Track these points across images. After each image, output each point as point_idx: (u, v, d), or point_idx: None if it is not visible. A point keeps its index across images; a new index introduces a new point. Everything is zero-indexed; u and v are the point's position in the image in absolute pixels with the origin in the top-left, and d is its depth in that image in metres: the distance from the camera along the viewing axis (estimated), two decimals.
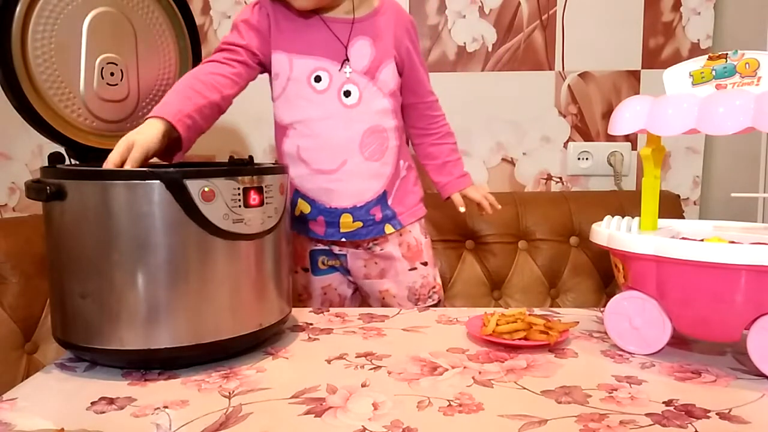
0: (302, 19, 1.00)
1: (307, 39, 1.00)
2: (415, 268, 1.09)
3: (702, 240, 0.72)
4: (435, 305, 1.11)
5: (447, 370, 0.67)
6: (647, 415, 0.55)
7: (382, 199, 1.05)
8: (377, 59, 1.01)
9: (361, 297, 1.16)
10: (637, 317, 0.71)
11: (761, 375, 0.63)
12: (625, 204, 1.34)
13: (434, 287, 1.12)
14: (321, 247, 1.08)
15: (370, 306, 1.12)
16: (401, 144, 1.08)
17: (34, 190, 0.67)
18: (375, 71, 1.02)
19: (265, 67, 1.02)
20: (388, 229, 1.05)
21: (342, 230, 1.03)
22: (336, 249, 1.08)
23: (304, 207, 1.03)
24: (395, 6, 1.07)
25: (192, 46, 0.93)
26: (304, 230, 1.06)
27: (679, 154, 1.54)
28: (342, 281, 1.11)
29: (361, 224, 1.04)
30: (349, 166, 1.01)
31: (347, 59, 1.00)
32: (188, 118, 0.82)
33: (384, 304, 1.09)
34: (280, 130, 1.04)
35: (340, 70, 1.00)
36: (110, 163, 0.72)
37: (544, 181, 1.57)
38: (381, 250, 1.07)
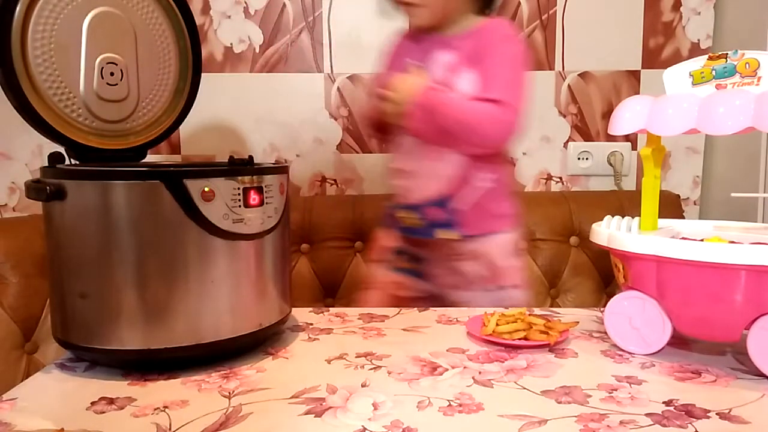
0: (405, 44, 1.15)
1: (401, 62, 1.13)
2: (504, 288, 1.09)
3: (702, 240, 0.72)
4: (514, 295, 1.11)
5: (447, 370, 0.67)
6: (647, 415, 0.55)
7: (443, 201, 1.07)
8: (453, 68, 1.06)
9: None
10: (637, 317, 0.71)
11: (761, 375, 0.63)
12: (625, 204, 1.35)
13: (515, 275, 1.11)
14: (404, 246, 1.13)
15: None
16: (475, 156, 1.06)
17: (34, 190, 0.67)
18: (448, 80, 1.06)
19: None
20: (444, 234, 1.06)
21: (406, 224, 1.10)
22: (418, 252, 1.11)
23: (397, 201, 1.13)
24: (493, 23, 1.10)
25: (192, 46, 0.93)
26: (391, 224, 1.14)
27: (679, 154, 1.54)
28: (414, 284, 1.13)
29: (418, 221, 1.08)
30: (412, 166, 1.09)
31: (425, 68, 1.08)
32: None
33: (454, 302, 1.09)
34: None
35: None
36: None
37: (544, 180, 1.57)
38: (460, 263, 1.08)
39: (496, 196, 1.09)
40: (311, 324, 0.84)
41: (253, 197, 0.69)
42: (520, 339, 0.73)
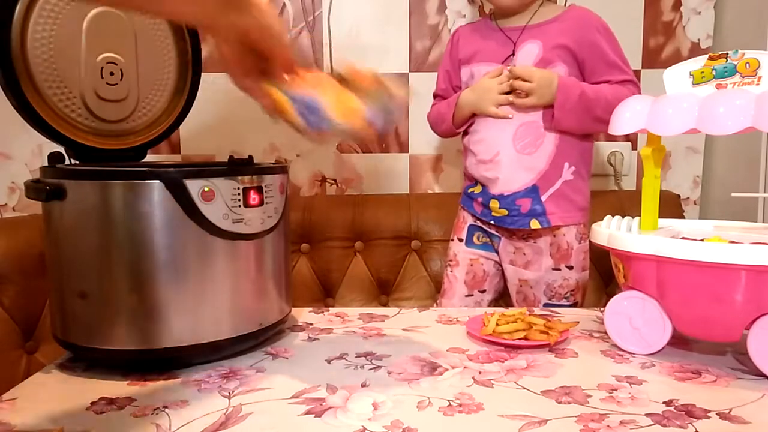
0: (482, 32, 1.17)
1: (484, 48, 1.15)
2: (559, 269, 1.14)
3: (702, 240, 0.72)
4: (571, 306, 1.15)
5: (447, 370, 0.67)
6: (647, 415, 0.55)
7: (532, 192, 1.11)
8: (542, 61, 1.09)
9: (504, 280, 1.21)
10: (637, 317, 0.71)
11: (761, 375, 0.63)
12: (625, 204, 1.35)
13: (573, 290, 1.15)
14: (479, 224, 1.19)
15: (507, 290, 1.21)
16: (564, 145, 1.10)
17: (33, 189, 0.67)
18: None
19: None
20: (534, 224, 1.11)
21: (493, 214, 1.14)
22: (492, 231, 1.17)
23: (477, 188, 1.18)
24: (581, 12, 1.13)
25: (192, 46, 0.93)
26: (469, 205, 1.20)
27: (679, 154, 1.54)
28: (489, 259, 1.20)
29: (506, 212, 1.12)
30: (501, 156, 1.11)
31: (512, 60, 1.11)
32: None
33: (520, 292, 1.17)
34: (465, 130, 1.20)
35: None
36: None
37: None
38: (533, 242, 1.13)
39: (579, 186, 1.14)
40: (311, 324, 0.84)
41: (253, 197, 0.69)
42: (520, 339, 0.73)
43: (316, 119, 0.57)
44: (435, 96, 1.29)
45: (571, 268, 1.14)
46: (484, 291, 1.21)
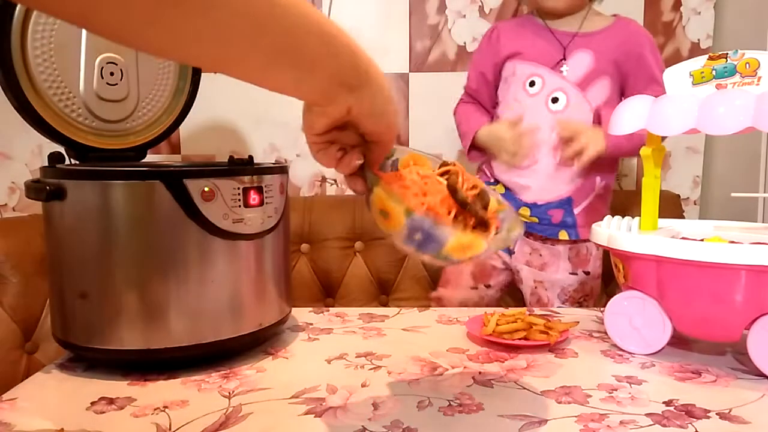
0: (530, 28, 1.14)
1: (532, 46, 1.12)
2: (576, 274, 1.14)
3: (702, 240, 0.72)
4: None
5: (447, 370, 0.67)
6: (647, 415, 0.55)
7: (566, 204, 1.10)
8: (593, 73, 1.08)
9: (511, 277, 1.21)
10: (637, 317, 0.71)
11: (761, 375, 0.63)
12: (625, 204, 1.34)
13: (588, 294, 1.15)
14: None
15: (520, 290, 1.20)
16: (600, 159, 1.08)
17: (34, 189, 0.67)
18: (588, 84, 1.08)
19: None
20: (563, 235, 1.11)
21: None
22: None
23: (499, 188, 1.16)
24: (632, 26, 1.12)
25: None
26: None
27: (679, 154, 1.54)
28: (499, 255, 1.18)
29: (537, 220, 1.12)
30: (540, 165, 1.10)
31: (563, 68, 1.09)
32: None
33: (534, 294, 1.16)
34: None
35: (554, 77, 1.09)
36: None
37: None
38: (552, 245, 1.13)
39: (606, 198, 1.15)
40: (311, 324, 0.84)
41: (253, 197, 0.69)
42: (520, 339, 0.73)
43: (424, 244, 0.47)
44: (466, 90, 1.25)
45: (588, 273, 1.14)
46: (489, 286, 1.20)
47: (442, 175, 0.54)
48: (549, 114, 1.09)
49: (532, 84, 1.11)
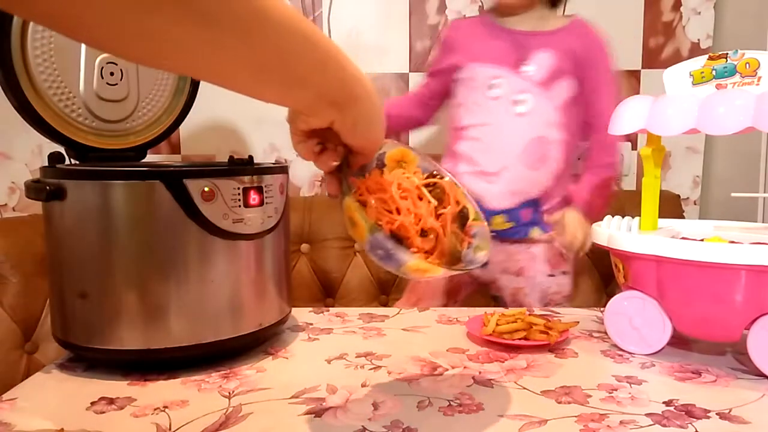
0: (487, 30, 1.11)
1: (491, 48, 1.09)
2: (553, 275, 1.13)
3: (702, 240, 0.72)
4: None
5: (447, 370, 0.67)
6: (647, 415, 0.55)
7: (534, 203, 1.09)
8: (555, 72, 1.07)
9: (479, 292, 1.19)
10: (637, 317, 0.71)
11: (761, 375, 0.63)
12: (625, 204, 1.34)
13: (568, 296, 1.15)
14: None
15: (496, 300, 1.18)
16: (567, 158, 1.09)
17: (34, 189, 0.67)
18: (550, 84, 1.07)
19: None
20: (535, 233, 1.10)
21: (492, 228, 1.06)
22: None
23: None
24: (588, 28, 1.12)
25: None
26: None
27: (679, 154, 1.54)
28: (469, 273, 1.15)
29: (513, 224, 1.09)
30: (509, 171, 1.07)
31: (525, 69, 1.07)
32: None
33: (515, 301, 1.13)
34: (454, 133, 1.13)
35: (516, 79, 1.07)
36: None
37: None
38: (528, 248, 1.11)
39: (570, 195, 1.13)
40: (311, 324, 0.84)
41: (253, 197, 0.69)
42: (520, 339, 0.73)
43: (384, 259, 0.49)
44: (426, 77, 1.22)
45: (565, 273, 1.13)
46: (456, 302, 1.19)
47: (426, 185, 0.54)
48: (513, 117, 1.07)
49: (493, 87, 1.08)
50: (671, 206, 1.42)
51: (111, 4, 0.29)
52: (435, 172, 0.56)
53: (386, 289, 1.38)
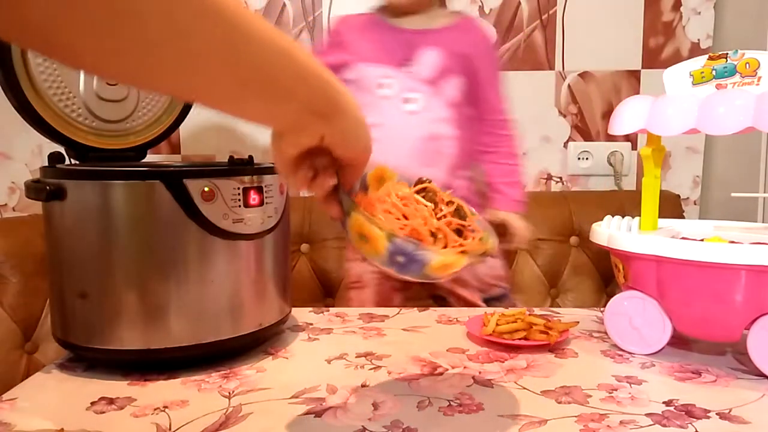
0: (375, 28, 1.10)
1: (378, 48, 1.08)
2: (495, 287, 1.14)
3: (702, 240, 0.72)
4: (503, 295, 1.15)
5: (447, 370, 0.67)
6: (647, 415, 0.55)
7: None
8: (443, 70, 1.07)
9: (413, 293, 1.17)
10: (637, 317, 0.71)
11: (761, 375, 0.63)
12: (625, 204, 1.35)
13: (500, 276, 1.15)
14: None
15: (442, 300, 1.17)
16: (461, 153, 1.10)
17: (34, 189, 0.67)
18: (439, 81, 1.07)
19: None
20: None
21: None
22: None
23: None
24: (475, 25, 1.13)
25: None
26: None
27: (679, 154, 1.54)
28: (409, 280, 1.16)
29: None
30: (404, 168, 1.05)
31: (413, 68, 1.07)
32: None
33: (451, 292, 1.13)
34: None
35: (403, 78, 1.07)
36: None
37: (544, 180, 1.57)
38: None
39: (477, 189, 1.14)
40: (311, 324, 0.84)
41: (253, 197, 0.69)
42: (520, 339, 0.73)
43: (406, 266, 0.47)
44: None
45: (492, 256, 1.13)
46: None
47: (418, 192, 0.55)
48: (404, 116, 1.07)
49: (382, 86, 1.07)
50: (671, 206, 1.42)
51: (93, 22, 0.29)
52: (423, 178, 0.57)
53: None
